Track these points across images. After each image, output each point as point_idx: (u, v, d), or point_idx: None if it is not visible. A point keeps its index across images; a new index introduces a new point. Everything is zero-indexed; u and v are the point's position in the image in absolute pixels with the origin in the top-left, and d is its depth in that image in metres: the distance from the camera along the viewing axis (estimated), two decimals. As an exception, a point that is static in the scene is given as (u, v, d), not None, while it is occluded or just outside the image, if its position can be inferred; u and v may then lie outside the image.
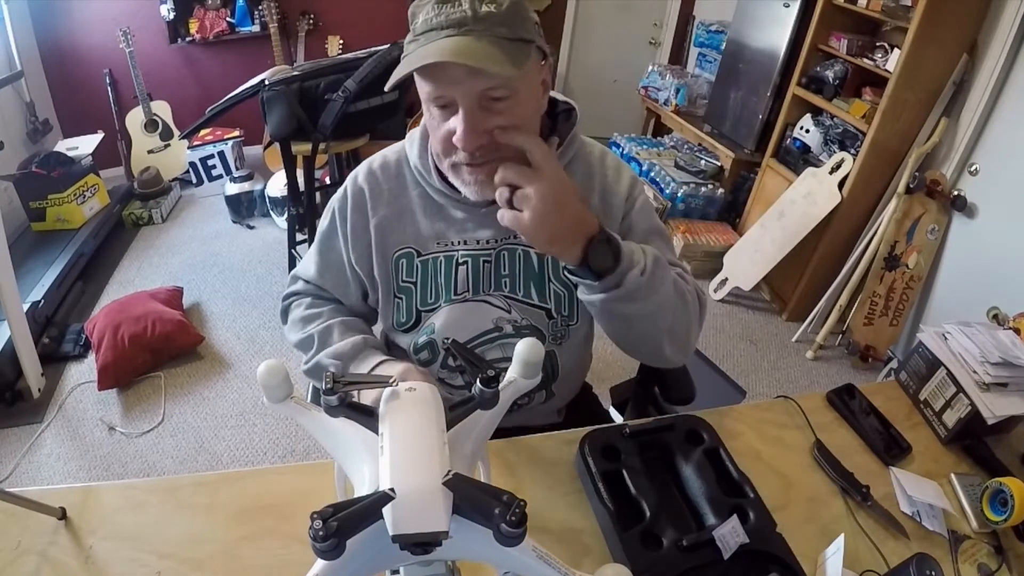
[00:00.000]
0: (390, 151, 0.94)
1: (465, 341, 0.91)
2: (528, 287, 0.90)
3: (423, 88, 0.74)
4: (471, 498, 0.40)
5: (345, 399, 0.47)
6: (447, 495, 0.40)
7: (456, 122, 0.72)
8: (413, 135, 0.91)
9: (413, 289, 0.90)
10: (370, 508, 0.39)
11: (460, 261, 0.88)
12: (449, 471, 0.41)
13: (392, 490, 0.40)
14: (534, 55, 0.74)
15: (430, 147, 0.86)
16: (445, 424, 0.46)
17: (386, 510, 0.40)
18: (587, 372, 1.10)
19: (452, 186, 0.85)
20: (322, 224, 0.96)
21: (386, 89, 0.77)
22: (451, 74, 0.70)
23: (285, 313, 1.00)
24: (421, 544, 0.40)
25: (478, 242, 0.88)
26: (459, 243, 0.88)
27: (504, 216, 0.73)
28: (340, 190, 0.94)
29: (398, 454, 0.43)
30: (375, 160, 0.94)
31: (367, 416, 0.48)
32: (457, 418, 0.49)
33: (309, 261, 0.98)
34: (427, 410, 0.46)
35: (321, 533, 0.37)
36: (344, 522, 0.38)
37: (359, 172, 0.93)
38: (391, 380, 0.48)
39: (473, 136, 0.72)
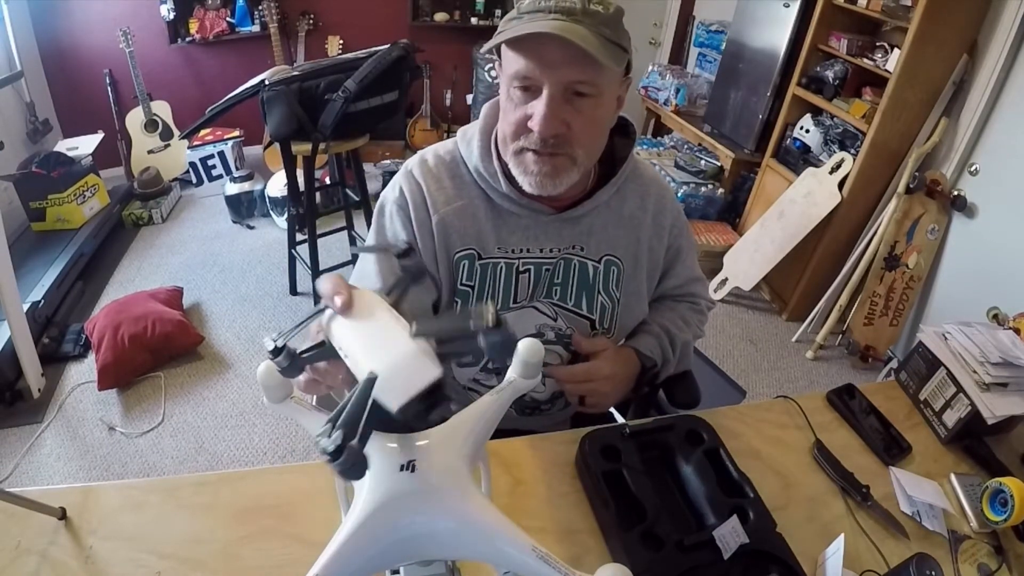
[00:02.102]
0: (440, 148, 0.91)
1: None
2: (579, 297, 0.90)
3: (513, 65, 0.74)
4: (444, 332, 0.40)
5: (294, 354, 0.46)
6: (423, 345, 0.40)
7: (536, 106, 0.73)
8: (468, 135, 0.89)
9: (471, 293, 0.88)
10: (361, 397, 0.38)
11: (521, 269, 0.88)
12: (411, 324, 0.41)
13: (372, 372, 0.39)
14: (622, 68, 0.76)
15: (493, 149, 0.85)
16: (387, 304, 0.45)
17: (378, 392, 0.39)
18: None
19: (519, 191, 0.84)
20: (378, 228, 0.90)
21: (481, 52, 0.78)
22: (549, 56, 0.71)
23: None
24: (431, 405, 0.39)
25: (541, 250, 0.88)
26: (522, 251, 0.88)
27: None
28: (392, 189, 0.89)
29: (359, 344, 0.42)
30: (427, 156, 0.90)
31: (321, 350, 0.46)
32: (399, 302, 0.48)
33: (366, 275, 0.87)
34: (363, 301, 0.45)
35: (337, 446, 0.34)
36: (346, 424, 0.36)
37: (413, 168, 0.89)
38: (324, 307, 0.47)
39: (552, 122, 0.73)
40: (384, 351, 0.40)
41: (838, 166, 2.43)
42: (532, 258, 0.88)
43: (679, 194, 3.08)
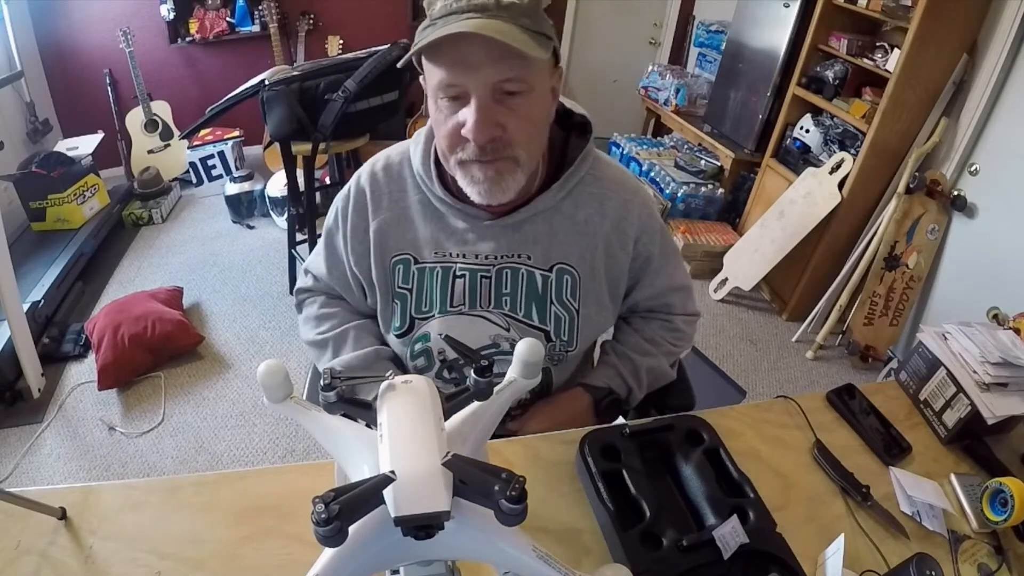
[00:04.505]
0: (394, 151, 0.91)
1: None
2: (529, 307, 0.88)
3: (434, 76, 0.71)
4: (470, 477, 0.40)
5: (343, 395, 0.47)
6: (447, 475, 0.41)
7: (467, 114, 0.70)
8: (418, 136, 0.88)
9: (408, 296, 0.89)
10: (371, 490, 0.39)
11: (457, 274, 0.86)
12: (448, 452, 0.42)
13: (392, 472, 0.40)
14: (549, 57, 0.73)
15: (432, 152, 0.85)
16: (442, 413, 0.47)
17: (387, 492, 0.40)
18: None
19: (454, 194, 0.84)
20: (327, 221, 0.95)
21: (399, 66, 0.76)
22: (469, 59, 0.67)
23: (299, 307, 1.02)
24: (424, 527, 0.40)
25: (477, 256, 0.86)
26: (457, 255, 0.86)
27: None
28: (344, 189, 0.93)
29: (397, 439, 0.43)
30: (378, 160, 0.91)
31: (365, 410, 0.48)
32: (453, 408, 0.50)
33: (318, 256, 0.97)
34: (424, 399, 0.47)
35: (324, 516, 0.36)
36: (346, 505, 0.37)
37: (362, 173, 0.91)
38: (387, 373, 0.48)
39: (485, 127, 0.70)
40: (412, 459, 0.41)
41: (838, 166, 2.43)
42: (467, 264, 0.86)
43: (679, 194, 3.08)
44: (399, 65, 0.76)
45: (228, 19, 3.44)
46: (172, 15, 3.29)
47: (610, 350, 0.99)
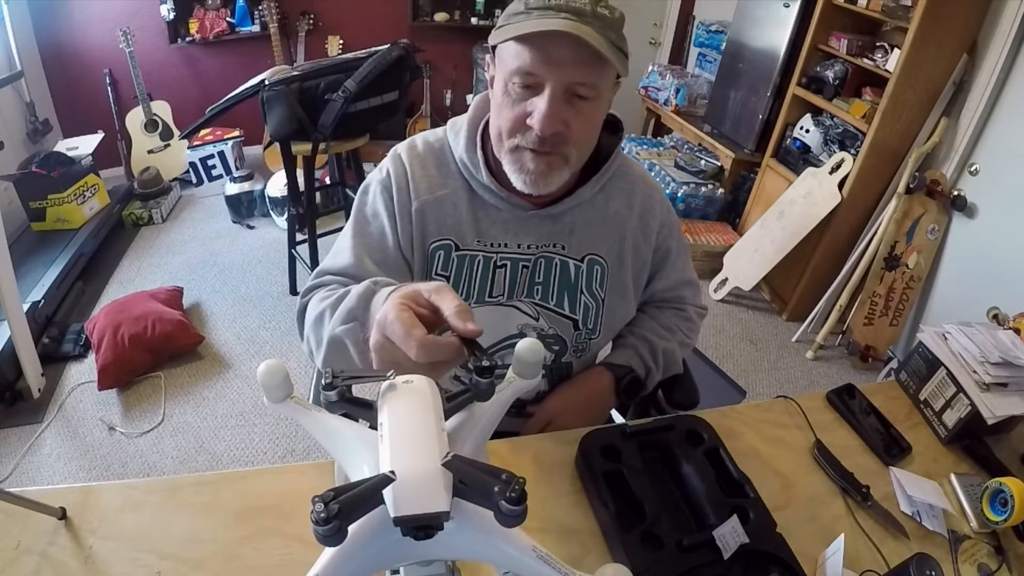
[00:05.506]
0: (430, 135, 0.91)
1: (488, 345, 0.90)
2: (561, 296, 0.90)
3: (515, 61, 0.73)
4: (470, 478, 0.40)
5: (344, 394, 0.47)
6: (447, 476, 0.41)
7: (538, 104, 0.73)
8: (457, 125, 0.89)
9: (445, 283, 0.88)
10: (371, 490, 0.39)
11: (499, 264, 0.87)
12: (448, 453, 0.42)
13: (392, 472, 0.40)
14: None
15: (478, 140, 0.86)
16: (443, 413, 0.47)
17: (387, 492, 0.40)
18: None
19: (501, 183, 0.84)
20: (359, 206, 0.89)
21: (489, 42, 0.78)
22: (555, 56, 0.71)
23: (302, 314, 0.80)
24: (423, 528, 0.40)
25: (519, 246, 0.87)
26: (500, 245, 0.87)
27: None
28: (378, 171, 0.89)
29: (397, 439, 0.43)
30: (417, 141, 0.90)
31: (366, 409, 0.48)
32: (454, 409, 0.50)
33: (340, 251, 0.85)
34: (424, 399, 0.47)
35: (323, 516, 0.36)
36: (346, 505, 0.37)
37: (401, 151, 0.89)
38: (388, 373, 0.48)
39: (554, 121, 0.73)
40: (412, 459, 0.41)
41: (838, 166, 2.43)
42: (509, 253, 0.87)
43: (679, 194, 3.08)
44: (490, 41, 0.77)
45: (228, 19, 3.44)
46: (172, 15, 3.29)
47: (627, 333, 1.00)
